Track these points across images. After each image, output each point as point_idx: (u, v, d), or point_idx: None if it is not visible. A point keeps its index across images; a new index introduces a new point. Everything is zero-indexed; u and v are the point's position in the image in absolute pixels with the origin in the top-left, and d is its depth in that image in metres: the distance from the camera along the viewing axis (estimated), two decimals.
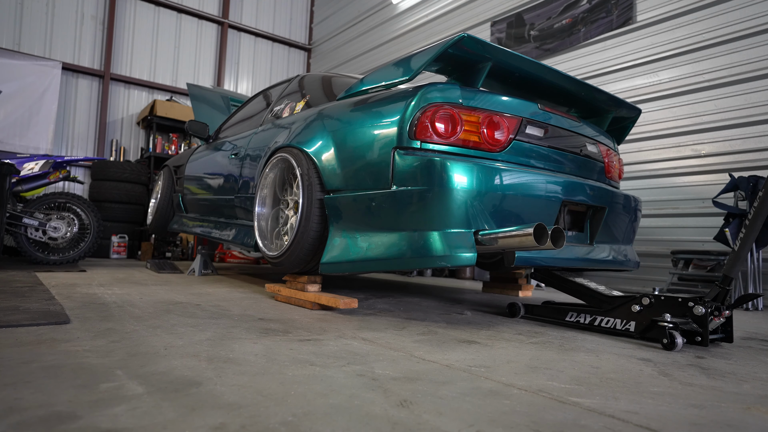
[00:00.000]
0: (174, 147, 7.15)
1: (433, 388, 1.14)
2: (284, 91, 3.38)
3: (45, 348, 1.31)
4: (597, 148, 2.48)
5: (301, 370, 1.24)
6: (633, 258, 2.59)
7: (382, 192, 2.02)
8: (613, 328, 2.04)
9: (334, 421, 0.90)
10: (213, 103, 4.79)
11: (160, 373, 1.14)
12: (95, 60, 7.12)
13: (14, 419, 0.83)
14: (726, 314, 1.90)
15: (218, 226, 3.45)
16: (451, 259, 1.84)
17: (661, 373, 1.42)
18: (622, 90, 4.69)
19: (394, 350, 1.53)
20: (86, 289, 2.61)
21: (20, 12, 6.57)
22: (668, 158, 4.36)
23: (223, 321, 1.88)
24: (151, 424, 0.84)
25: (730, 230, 3.56)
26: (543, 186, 2.04)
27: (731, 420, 1.04)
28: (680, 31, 4.34)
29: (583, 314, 2.17)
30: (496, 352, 1.59)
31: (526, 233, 1.68)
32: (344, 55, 8.47)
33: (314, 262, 2.35)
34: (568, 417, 0.99)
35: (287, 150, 2.55)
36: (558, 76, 2.33)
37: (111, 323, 1.71)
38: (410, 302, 2.82)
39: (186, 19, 7.92)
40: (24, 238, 4.09)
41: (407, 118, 2.00)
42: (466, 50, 2.05)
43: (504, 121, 2.08)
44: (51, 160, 4.44)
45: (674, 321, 1.84)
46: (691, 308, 1.85)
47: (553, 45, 5.33)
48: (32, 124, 6.35)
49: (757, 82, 3.87)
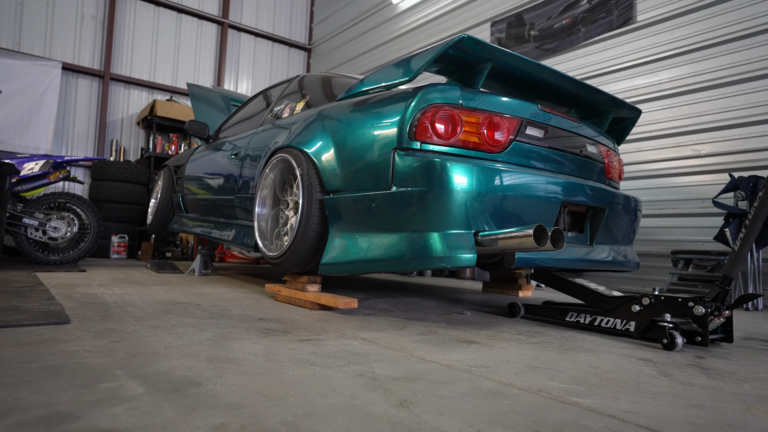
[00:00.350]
0: (174, 147, 7.15)
1: (433, 388, 1.14)
2: (284, 92, 3.38)
3: (45, 348, 1.31)
4: (597, 148, 2.48)
5: (301, 370, 1.24)
6: (633, 259, 2.59)
7: (382, 193, 2.02)
8: (613, 328, 2.04)
9: (334, 421, 0.90)
10: (213, 103, 4.79)
11: (160, 373, 1.14)
12: (95, 60, 7.12)
13: (14, 419, 0.83)
14: (726, 314, 1.90)
15: (218, 226, 3.45)
16: (451, 260, 1.84)
17: (661, 373, 1.42)
18: (622, 90, 4.69)
19: (394, 350, 1.53)
20: (86, 289, 2.61)
21: (20, 12, 6.57)
22: (668, 158, 4.36)
23: (223, 321, 1.88)
24: (151, 424, 0.84)
25: (730, 230, 3.56)
26: (543, 187, 2.04)
27: (731, 420, 1.04)
28: (680, 31, 4.34)
29: (583, 314, 2.17)
30: (496, 352, 1.59)
31: (526, 234, 1.68)
32: (344, 55, 8.47)
33: (314, 262, 2.35)
34: (568, 417, 0.99)
35: (287, 150, 2.55)
36: (558, 76, 2.32)
37: (111, 323, 1.71)
38: (410, 302, 2.82)
39: (186, 19, 7.92)
40: (24, 238, 4.10)
41: (407, 119, 2.00)
42: (466, 51, 2.05)
43: (504, 122, 2.08)
44: (51, 160, 4.44)
45: (674, 321, 1.84)
46: (691, 308, 1.85)
47: (553, 45, 5.33)
48: (32, 124, 6.35)
49: (757, 82, 3.87)
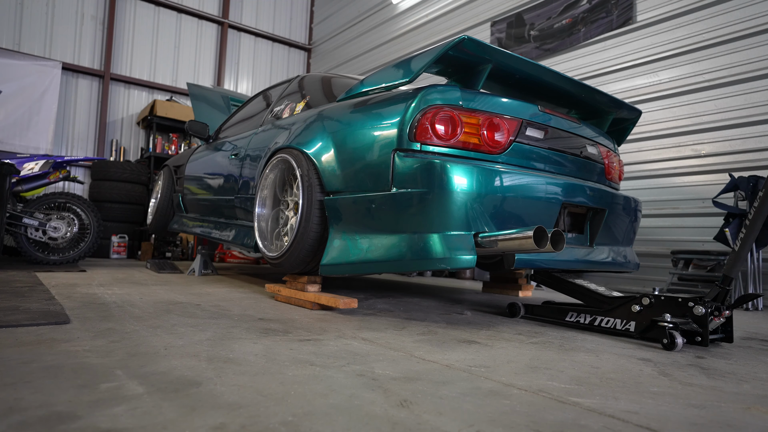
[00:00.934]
0: (174, 147, 7.15)
1: (433, 388, 1.14)
2: (284, 92, 3.38)
3: (45, 348, 1.31)
4: (597, 149, 2.48)
5: (301, 370, 1.24)
6: (633, 259, 2.59)
7: (382, 194, 2.02)
8: (613, 328, 2.04)
9: (334, 421, 0.90)
10: (213, 102, 4.79)
11: (160, 373, 1.14)
12: (95, 60, 7.12)
13: (14, 419, 0.83)
14: (726, 314, 1.90)
15: (218, 226, 3.45)
16: (450, 262, 1.84)
17: (661, 373, 1.42)
18: (622, 90, 4.69)
19: (394, 350, 1.53)
20: (86, 289, 2.61)
21: (20, 12, 6.57)
22: (668, 158, 4.36)
23: (223, 321, 1.88)
24: (151, 424, 0.84)
25: (730, 230, 3.56)
26: (543, 188, 2.04)
27: (731, 420, 1.04)
28: (680, 31, 4.34)
29: (583, 314, 2.17)
30: (496, 352, 1.59)
31: (526, 236, 1.68)
32: (344, 55, 8.47)
33: (314, 263, 2.35)
34: (568, 417, 0.99)
35: (287, 151, 2.55)
36: (558, 77, 2.32)
37: (111, 323, 1.71)
38: (410, 302, 2.82)
39: (186, 19, 7.92)
40: (24, 238, 4.10)
41: (407, 120, 2.00)
42: (467, 52, 2.05)
43: (504, 123, 2.08)
44: (51, 160, 4.44)
45: (674, 321, 1.84)
46: (691, 308, 1.85)
47: (553, 45, 5.33)
48: (32, 124, 6.35)
49: (757, 82, 3.87)
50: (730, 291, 1.90)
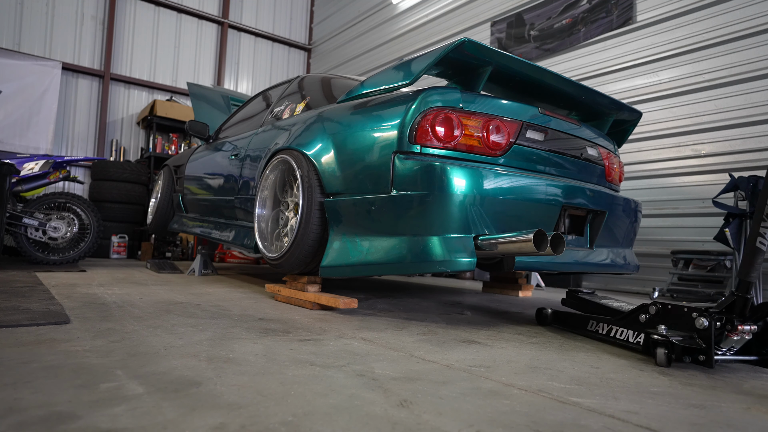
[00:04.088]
0: (174, 147, 7.15)
1: (433, 388, 1.14)
2: (284, 92, 3.38)
3: (45, 348, 1.31)
4: (597, 151, 2.48)
5: (301, 370, 1.24)
6: (633, 261, 2.58)
7: (382, 196, 2.02)
8: (626, 341, 1.78)
9: (334, 421, 0.90)
10: (213, 102, 4.79)
11: (160, 373, 1.14)
12: (95, 60, 7.12)
13: (14, 419, 0.83)
14: (743, 329, 1.48)
15: (218, 226, 3.45)
16: (450, 264, 1.84)
17: (661, 373, 1.42)
18: (622, 90, 4.69)
19: (394, 350, 1.53)
20: (86, 289, 2.61)
21: (20, 12, 6.57)
22: (668, 158, 4.36)
23: (223, 321, 1.88)
24: (151, 424, 0.84)
25: (730, 230, 3.55)
26: (543, 190, 2.04)
27: (731, 420, 1.04)
28: (680, 31, 4.34)
29: (601, 324, 1.92)
30: (496, 352, 1.59)
31: (526, 239, 1.68)
32: (344, 55, 8.47)
33: (314, 264, 2.35)
34: (568, 417, 0.99)
35: (287, 152, 2.55)
36: (558, 79, 2.32)
37: (111, 323, 1.71)
38: (410, 302, 2.82)
39: (186, 19, 7.92)
40: (24, 238, 4.09)
41: (407, 123, 2.00)
42: (467, 54, 2.05)
43: (504, 125, 2.08)
44: (51, 160, 4.44)
45: (667, 335, 1.55)
46: (693, 320, 1.52)
47: (553, 45, 5.33)
48: (32, 124, 6.35)
49: (757, 82, 3.87)
50: (750, 300, 1.48)
